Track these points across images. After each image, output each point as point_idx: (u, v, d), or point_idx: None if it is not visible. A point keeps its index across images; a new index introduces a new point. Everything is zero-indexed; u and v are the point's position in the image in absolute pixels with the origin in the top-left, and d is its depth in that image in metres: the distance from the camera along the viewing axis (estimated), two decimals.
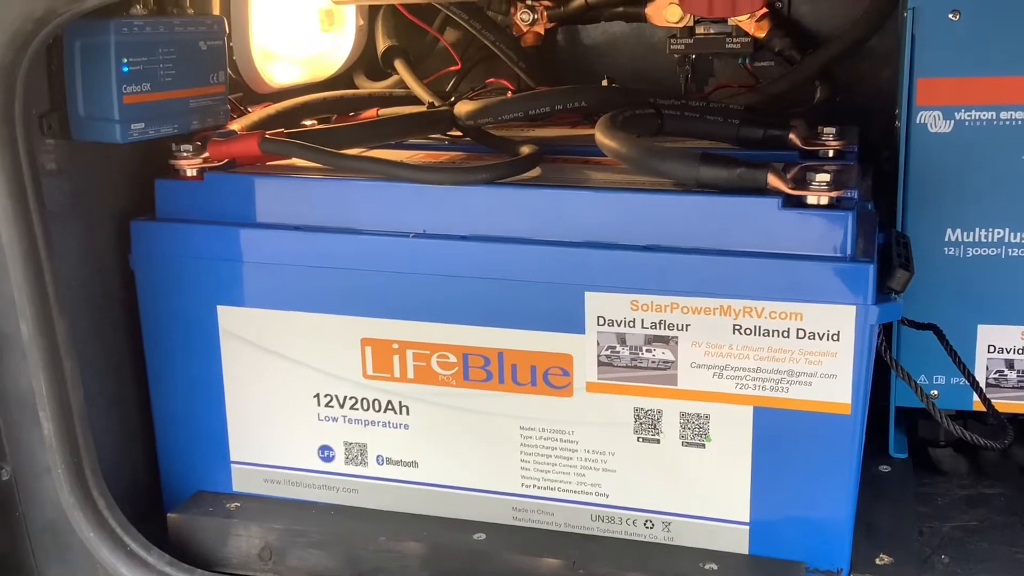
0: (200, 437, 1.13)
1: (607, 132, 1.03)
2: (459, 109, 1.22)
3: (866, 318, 0.91)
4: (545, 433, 1.03)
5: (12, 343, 0.97)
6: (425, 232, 1.02)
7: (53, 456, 1.00)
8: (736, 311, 0.94)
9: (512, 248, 0.99)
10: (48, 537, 1.05)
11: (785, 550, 0.98)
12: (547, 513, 1.05)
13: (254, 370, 1.10)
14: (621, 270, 0.96)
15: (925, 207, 1.13)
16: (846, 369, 0.92)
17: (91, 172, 1.09)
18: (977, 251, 1.14)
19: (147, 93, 1.04)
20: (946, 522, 1.17)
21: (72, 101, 1.01)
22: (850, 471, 0.95)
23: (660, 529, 1.02)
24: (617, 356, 0.98)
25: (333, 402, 1.08)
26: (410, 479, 1.08)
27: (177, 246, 1.08)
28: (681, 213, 0.95)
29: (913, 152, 1.13)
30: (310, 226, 1.05)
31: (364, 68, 1.57)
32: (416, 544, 1.04)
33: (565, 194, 0.99)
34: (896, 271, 0.93)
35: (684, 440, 0.99)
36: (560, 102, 1.18)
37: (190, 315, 1.10)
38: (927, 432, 1.24)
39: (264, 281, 1.07)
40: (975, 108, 1.10)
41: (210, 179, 1.09)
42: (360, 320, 1.05)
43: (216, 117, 1.16)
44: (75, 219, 1.08)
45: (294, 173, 1.09)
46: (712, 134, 1.16)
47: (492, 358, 1.02)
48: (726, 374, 0.96)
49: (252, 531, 1.08)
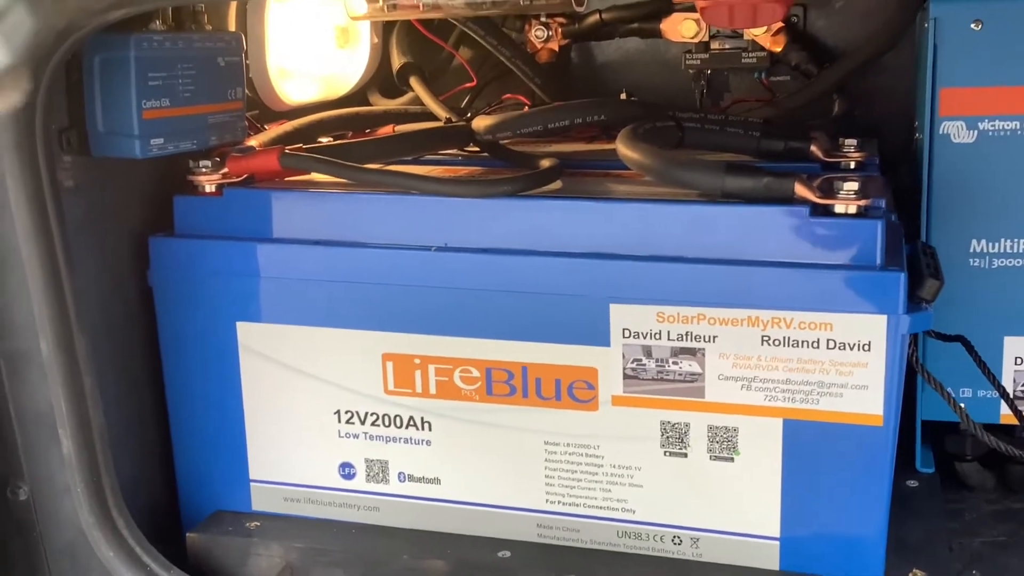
0: (219, 455, 1.12)
1: (629, 144, 1.02)
2: (477, 124, 1.21)
3: (897, 328, 0.90)
4: (570, 448, 1.01)
5: (31, 360, 0.96)
6: (447, 245, 1.01)
7: (72, 475, 0.99)
8: (764, 322, 0.93)
9: (535, 261, 0.98)
10: (66, 559, 1.03)
11: (817, 566, 0.96)
12: (572, 530, 1.03)
13: (274, 387, 1.09)
14: (646, 281, 0.95)
15: (949, 218, 1.12)
16: (878, 380, 0.91)
17: (109, 189, 1.09)
18: (1003, 262, 1.12)
19: (166, 108, 1.04)
20: (975, 537, 1.16)
21: (91, 117, 1.01)
22: (883, 484, 0.94)
23: (688, 545, 1.00)
24: (643, 369, 0.97)
25: (354, 418, 1.07)
26: (432, 496, 1.07)
27: (196, 262, 1.08)
28: (707, 223, 0.94)
29: (936, 163, 1.12)
30: (330, 241, 1.04)
31: (379, 86, 1.57)
32: (440, 562, 1.02)
33: (588, 205, 0.98)
34: (926, 280, 0.92)
35: (712, 454, 0.97)
36: (580, 115, 1.17)
37: (209, 331, 1.09)
38: (954, 446, 1.22)
39: (284, 297, 1.06)
40: (999, 118, 1.10)
41: (229, 195, 1.08)
42: (381, 335, 1.04)
43: (234, 133, 1.15)
44: (93, 236, 1.07)
45: (313, 188, 1.09)
46: (733, 146, 1.16)
47: (516, 372, 1.01)
48: (755, 386, 0.95)
49: (273, 550, 1.07)
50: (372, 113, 1.39)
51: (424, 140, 1.23)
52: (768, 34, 1.41)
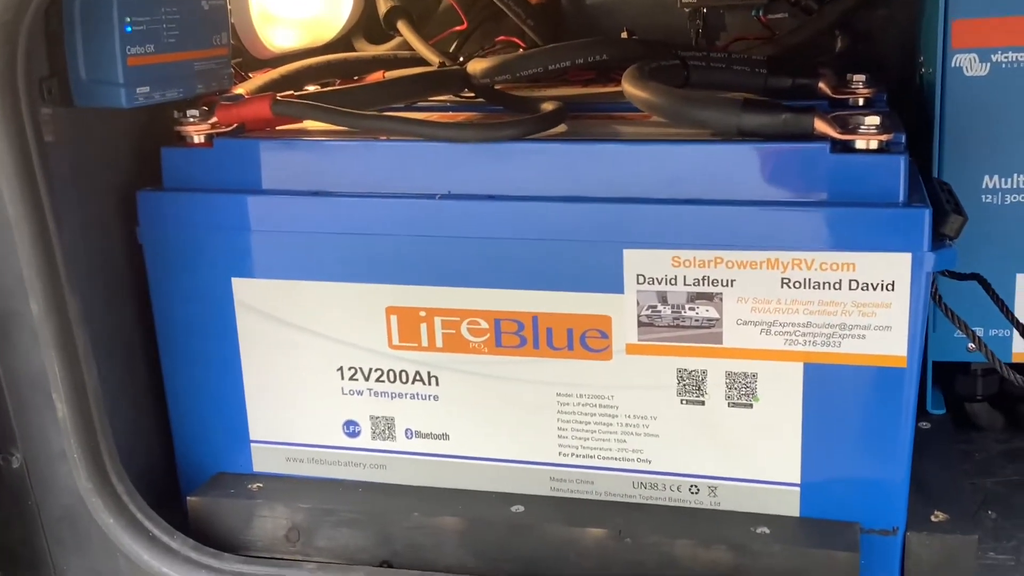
0: (217, 416, 1.08)
1: (637, 82, 0.99)
2: (473, 67, 1.17)
3: (922, 266, 0.87)
4: (583, 399, 0.99)
5: (22, 322, 0.92)
6: (451, 193, 0.97)
7: (68, 440, 0.95)
8: (784, 264, 0.90)
9: (544, 206, 0.95)
10: (64, 526, 1.00)
11: (838, 511, 0.95)
12: (587, 482, 1.01)
13: (273, 344, 1.05)
14: (661, 225, 0.92)
15: (962, 153, 1.10)
16: (902, 320, 0.89)
17: (92, 142, 1.04)
18: (1016, 197, 1.10)
19: (151, 55, 0.99)
20: (988, 477, 1.15)
21: (73, 65, 0.96)
22: (906, 426, 0.92)
23: (706, 494, 0.98)
24: (658, 315, 0.94)
25: (358, 375, 1.04)
26: (441, 452, 1.04)
27: (187, 217, 1.03)
28: (723, 163, 0.91)
29: (949, 97, 1.09)
30: (328, 191, 1.00)
31: (364, 32, 1.52)
32: (452, 519, 1.00)
33: (598, 148, 0.95)
34: (949, 216, 0.89)
35: (730, 401, 0.95)
36: (580, 56, 1.14)
37: (203, 289, 1.05)
38: (965, 387, 1.21)
39: (281, 250, 1.02)
40: (1012, 49, 1.07)
41: (220, 145, 1.03)
42: (384, 288, 1.00)
43: (220, 81, 1.10)
44: (78, 192, 1.02)
45: (307, 136, 1.04)
46: (740, 85, 1.12)
47: (526, 322, 0.97)
48: (774, 330, 0.92)
49: (277, 512, 1.04)
50: (360, 59, 1.34)
51: (418, 85, 1.19)
52: None
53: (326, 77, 1.30)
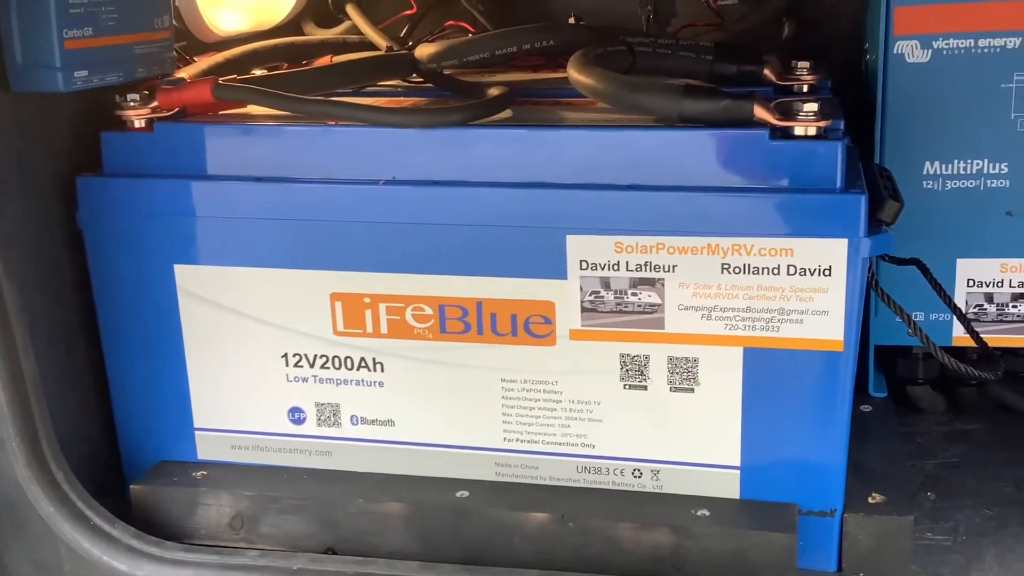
0: (161, 404, 1.07)
1: (581, 68, 0.99)
2: (420, 52, 1.17)
3: (858, 251, 0.88)
4: (527, 385, 0.99)
5: None
6: (395, 179, 0.97)
7: (7, 428, 0.94)
8: (724, 249, 0.91)
9: (488, 192, 0.95)
10: (4, 514, 0.99)
11: (777, 493, 0.96)
12: (531, 467, 1.01)
13: (216, 331, 1.04)
14: (603, 211, 0.92)
15: (903, 140, 1.11)
16: (838, 305, 0.90)
17: (32, 128, 1.02)
18: (956, 183, 1.12)
19: (89, 38, 0.97)
20: (928, 459, 1.17)
21: (9, 48, 0.94)
22: (844, 410, 0.93)
23: (649, 478, 0.99)
24: (601, 301, 0.94)
25: (302, 361, 1.03)
26: (387, 438, 1.04)
27: (128, 202, 1.02)
28: (664, 149, 0.92)
29: (890, 83, 1.10)
30: (271, 176, 0.99)
31: (313, 15, 1.51)
32: (397, 505, 1.00)
33: (542, 134, 0.95)
34: (886, 202, 0.90)
35: (672, 385, 0.96)
36: (527, 41, 1.14)
37: (145, 275, 1.03)
38: (905, 371, 1.23)
39: (223, 236, 1.01)
40: (953, 36, 1.08)
41: (160, 129, 1.02)
42: (328, 274, 1.00)
43: (162, 65, 1.09)
44: (17, 178, 1.01)
45: (250, 121, 1.03)
46: (685, 71, 1.12)
47: (470, 308, 0.98)
48: (715, 315, 0.93)
49: (221, 499, 1.03)
50: (308, 43, 1.33)
51: (365, 70, 1.18)
52: None
53: (273, 61, 1.29)
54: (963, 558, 0.99)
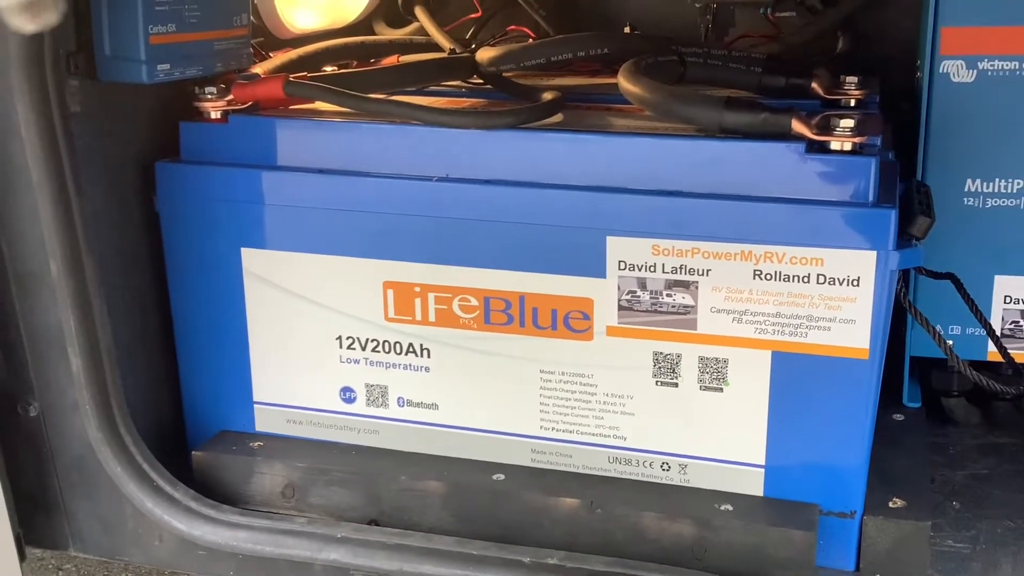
0: (224, 378, 1.15)
1: (630, 78, 1.03)
2: (481, 56, 1.22)
3: (886, 264, 0.92)
4: (565, 376, 1.04)
5: (41, 281, 0.99)
6: (448, 176, 1.03)
7: (81, 392, 1.02)
8: (757, 256, 0.95)
9: (534, 192, 1.00)
10: (75, 473, 1.07)
11: (799, 492, 1.00)
12: (565, 455, 1.07)
13: (277, 312, 1.11)
14: (643, 215, 0.97)
15: (946, 157, 1.13)
16: (865, 314, 0.93)
17: (116, 114, 1.10)
18: (996, 201, 1.14)
19: (173, 34, 1.05)
20: (958, 470, 1.19)
21: (99, 41, 1.02)
22: (866, 415, 0.96)
23: (677, 471, 1.03)
24: (637, 300, 0.99)
25: (355, 344, 1.10)
26: (430, 421, 1.10)
27: (201, 188, 1.09)
28: (704, 158, 0.96)
29: (935, 102, 1.13)
30: (334, 169, 1.06)
31: (384, 15, 1.57)
32: (437, 484, 1.06)
33: (587, 139, 1.00)
34: (917, 217, 0.93)
35: (702, 384, 1.00)
36: (582, 49, 1.18)
37: (214, 257, 1.11)
38: (941, 382, 1.25)
39: (287, 224, 1.08)
40: (998, 58, 1.10)
41: (234, 121, 1.09)
42: (383, 263, 1.06)
43: (239, 60, 1.16)
44: (100, 161, 1.09)
45: (317, 116, 1.10)
46: (734, 82, 1.16)
47: (513, 301, 1.03)
48: (745, 319, 0.97)
49: (275, 469, 1.10)
50: (377, 42, 1.39)
51: (428, 71, 1.24)
52: None
53: (344, 59, 1.35)
54: (980, 566, 1.01)
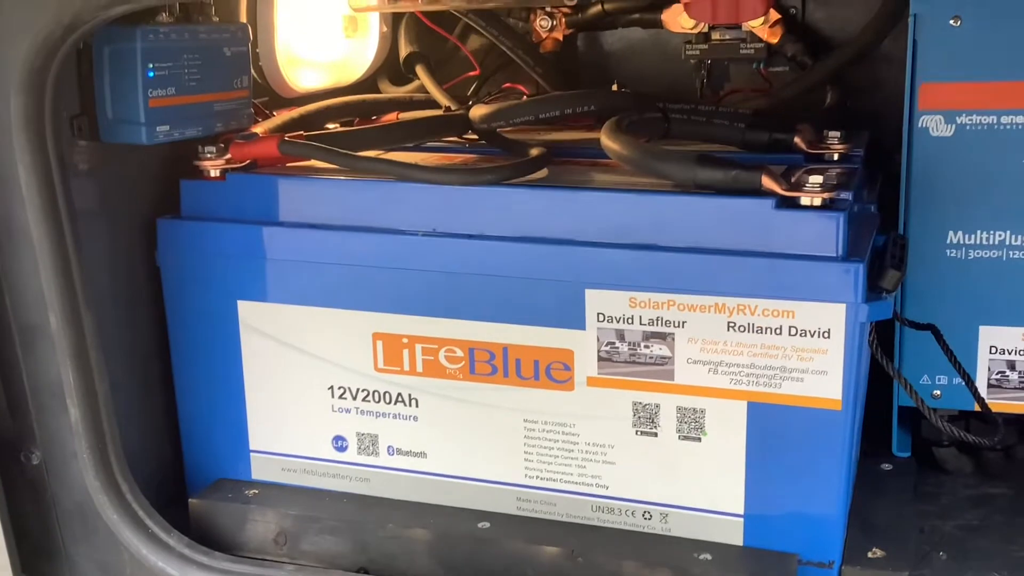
0: (221, 427, 1.18)
1: (610, 135, 1.07)
2: (473, 113, 1.26)
3: (856, 316, 0.93)
4: (548, 426, 1.06)
5: (42, 334, 1.03)
6: (435, 231, 1.06)
7: (80, 441, 1.05)
8: (731, 308, 0.97)
9: (516, 247, 1.03)
10: (75, 519, 1.10)
11: (778, 542, 1.01)
12: (550, 504, 1.08)
13: (272, 363, 1.14)
14: (620, 268, 0.99)
15: (927, 209, 1.15)
16: (837, 366, 0.95)
17: (120, 173, 1.15)
18: (979, 253, 1.15)
19: (172, 97, 1.09)
20: (948, 520, 1.19)
21: (101, 104, 1.07)
22: (841, 466, 0.97)
23: (658, 520, 1.05)
24: (616, 351, 1.01)
25: (346, 394, 1.13)
26: (419, 469, 1.12)
27: (200, 243, 1.14)
28: (678, 213, 0.99)
29: (915, 156, 1.15)
30: (326, 224, 1.10)
31: (389, 74, 1.62)
32: (423, 531, 1.08)
33: (566, 194, 1.03)
34: (887, 271, 0.95)
35: (681, 434, 1.02)
36: (569, 106, 1.22)
37: (212, 309, 1.15)
38: (930, 432, 1.25)
39: (282, 277, 1.11)
40: (976, 112, 1.12)
41: (232, 179, 1.14)
42: (372, 315, 1.09)
43: (240, 120, 1.21)
44: (105, 217, 1.13)
45: (312, 174, 1.14)
46: (718, 138, 1.19)
47: (497, 353, 1.06)
48: (721, 370, 0.99)
49: (268, 517, 1.13)
50: (378, 100, 1.44)
51: (423, 128, 1.28)
52: (766, 25, 1.44)
53: (345, 116, 1.39)
54: None
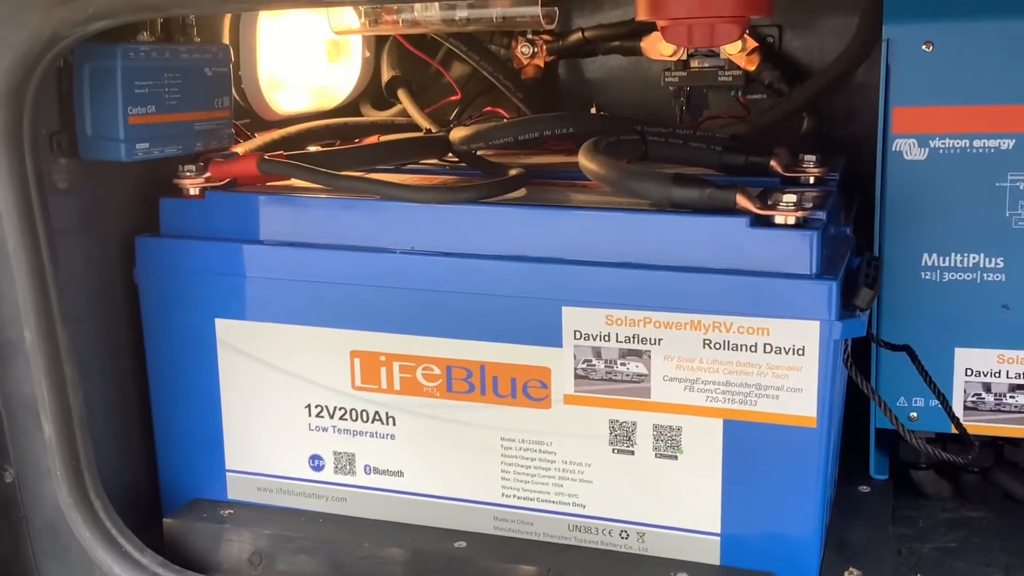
0: (197, 446, 1.18)
1: (588, 155, 1.07)
2: (454, 135, 1.27)
3: (830, 333, 0.94)
4: (525, 444, 1.06)
5: (17, 349, 1.02)
6: (413, 249, 1.07)
7: (53, 459, 1.05)
8: (706, 326, 0.97)
9: (493, 264, 1.03)
10: (48, 538, 1.09)
11: (755, 561, 1.01)
12: (526, 523, 1.08)
13: (249, 381, 1.14)
14: (596, 286, 1.00)
15: (902, 232, 1.16)
16: (811, 383, 0.95)
17: (100, 190, 1.15)
18: (953, 276, 1.16)
19: (152, 115, 1.10)
20: (925, 543, 1.19)
21: (80, 121, 1.07)
22: (816, 484, 0.98)
23: (635, 539, 1.05)
24: (593, 369, 1.02)
25: (323, 412, 1.12)
26: (396, 488, 1.12)
27: (179, 261, 1.14)
28: (654, 231, 0.99)
29: (889, 179, 1.16)
30: (304, 243, 1.10)
31: (371, 98, 1.63)
32: (399, 551, 1.07)
33: (542, 213, 1.03)
34: (861, 289, 0.96)
35: (657, 452, 1.02)
36: (548, 128, 1.23)
37: (190, 327, 1.15)
38: (908, 454, 1.26)
39: (260, 295, 1.11)
40: (949, 136, 1.13)
41: (211, 197, 1.14)
42: (350, 333, 1.09)
43: (220, 140, 1.21)
44: (83, 235, 1.13)
45: (291, 193, 1.15)
46: (695, 160, 1.20)
47: (474, 370, 1.06)
48: (696, 387, 0.99)
49: (243, 536, 1.12)
50: (359, 123, 1.45)
51: (403, 149, 1.29)
52: (743, 53, 1.46)
53: (327, 139, 1.40)
54: None
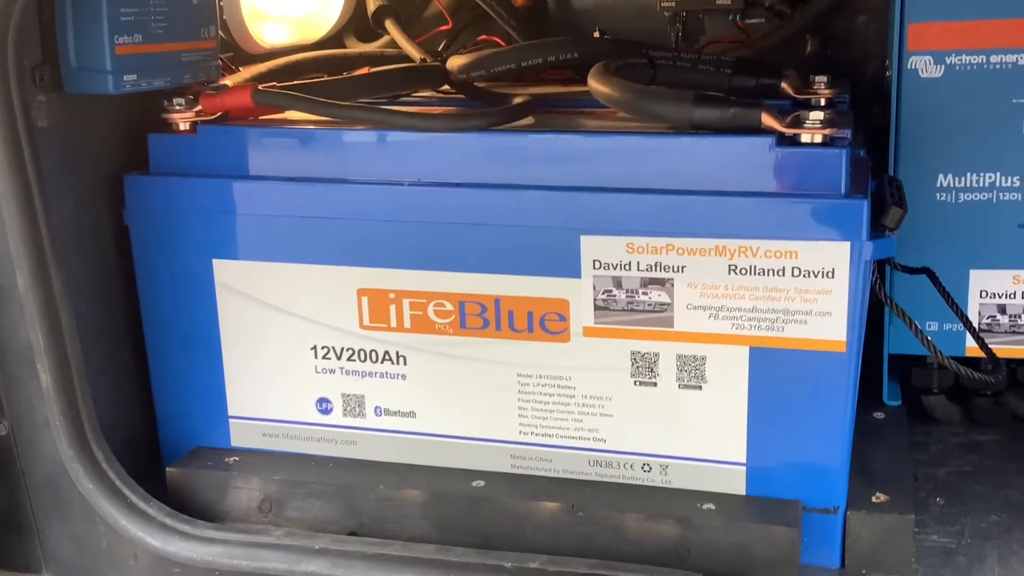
0: (197, 392, 1.13)
1: (600, 78, 1.03)
2: (451, 63, 1.22)
3: (860, 254, 0.91)
4: (543, 380, 1.03)
5: (9, 296, 0.97)
6: (420, 180, 1.02)
7: (51, 409, 1.00)
8: (731, 251, 0.94)
9: (506, 193, 0.99)
10: (47, 491, 1.05)
11: (782, 489, 0.99)
12: (545, 460, 1.05)
13: (251, 324, 1.10)
14: (616, 213, 0.96)
15: (917, 153, 1.14)
16: (841, 306, 0.93)
17: (85, 128, 1.09)
18: (969, 196, 1.14)
19: (139, 44, 1.04)
20: (940, 467, 1.19)
21: (64, 52, 1.01)
22: (845, 409, 0.96)
23: (658, 472, 1.02)
24: (613, 300, 0.99)
25: (330, 354, 1.08)
26: (408, 430, 1.09)
27: (171, 200, 1.08)
28: (675, 154, 0.96)
29: (904, 98, 1.13)
30: (304, 177, 1.05)
31: (355, 30, 1.57)
32: (416, 492, 1.04)
33: (558, 138, 0.99)
34: (890, 208, 0.93)
35: (681, 383, 0.99)
36: (552, 53, 1.18)
37: (185, 269, 1.10)
38: (920, 380, 1.25)
39: (259, 233, 1.07)
40: (965, 52, 1.11)
41: (203, 132, 1.08)
42: (356, 270, 1.05)
43: (208, 72, 1.15)
44: (69, 174, 1.08)
45: (287, 125, 1.09)
46: (704, 84, 1.16)
47: (489, 305, 1.02)
48: (722, 315, 0.96)
49: (252, 484, 1.09)
50: (348, 55, 1.39)
51: (398, 79, 1.24)
52: None
53: (314, 72, 1.34)
54: (966, 560, 1.01)
